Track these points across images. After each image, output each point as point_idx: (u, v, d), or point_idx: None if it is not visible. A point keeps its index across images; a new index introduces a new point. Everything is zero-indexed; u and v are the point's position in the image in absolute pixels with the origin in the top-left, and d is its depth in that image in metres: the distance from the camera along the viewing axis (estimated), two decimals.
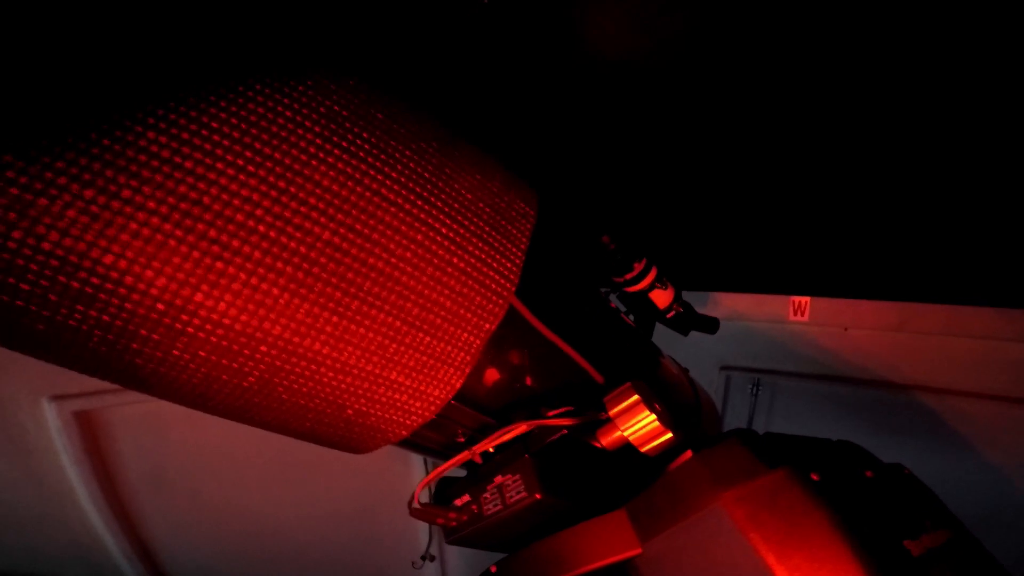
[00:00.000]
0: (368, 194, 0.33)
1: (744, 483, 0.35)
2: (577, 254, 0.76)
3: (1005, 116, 1.04)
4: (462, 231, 0.37)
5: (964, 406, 1.35)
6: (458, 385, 0.40)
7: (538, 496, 0.44)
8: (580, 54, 1.01)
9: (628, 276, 0.79)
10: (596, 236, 0.79)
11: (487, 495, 0.48)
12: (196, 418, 0.40)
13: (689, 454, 0.41)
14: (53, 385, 1.02)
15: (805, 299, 1.47)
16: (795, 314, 1.48)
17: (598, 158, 1.25)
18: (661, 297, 0.82)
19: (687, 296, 1.49)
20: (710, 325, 0.92)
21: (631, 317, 0.86)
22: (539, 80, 1.06)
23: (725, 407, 1.59)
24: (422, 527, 1.60)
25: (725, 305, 1.50)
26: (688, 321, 0.89)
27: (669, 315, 0.86)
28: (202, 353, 0.32)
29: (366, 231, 0.32)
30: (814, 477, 0.35)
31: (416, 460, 1.57)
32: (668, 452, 0.45)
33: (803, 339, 1.51)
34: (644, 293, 0.82)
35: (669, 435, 0.44)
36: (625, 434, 0.45)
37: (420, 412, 0.41)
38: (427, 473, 1.43)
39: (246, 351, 0.32)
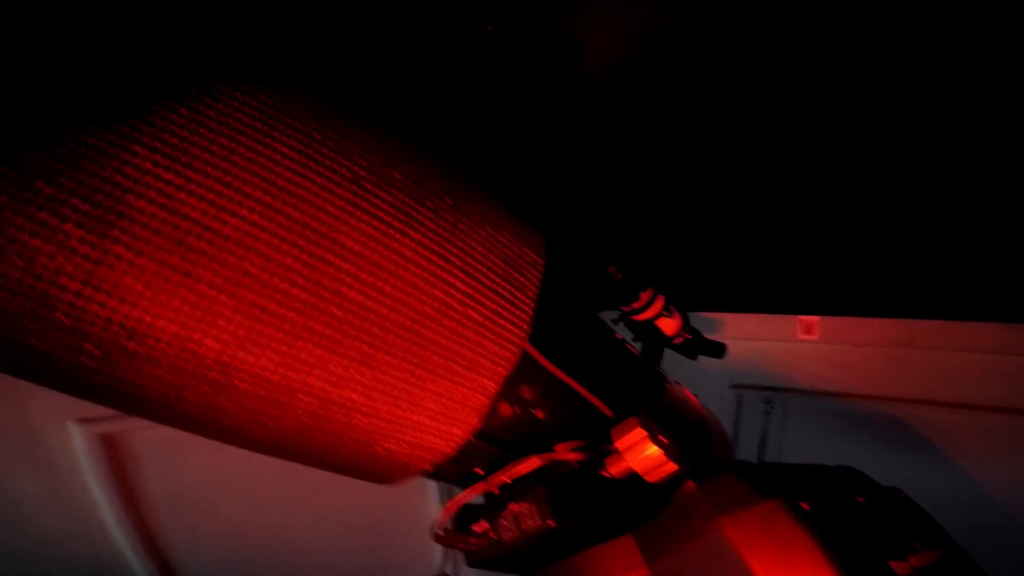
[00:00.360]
0: (392, 255, 0.37)
1: (740, 511, 0.38)
2: (584, 286, 0.79)
3: (1008, 131, 1.06)
4: (477, 285, 0.41)
5: (976, 420, 1.35)
6: (477, 425, 0.44)
7: (551, 523, 0.47)
8: (579, 75, 1.05)
9: (635, 305, 0.83)
10: (603, 267, 0.82)
11: (504, 522, 0.51)
12: (218, 443, 0.43)
13: (691, 484, 0.44)
14: (79, 408, 1.06)
15: (814, 318, 1.49)
16: (804, 333, 1.50)
17: (600, 186, 1.28)
18: (668, 325, 0.86)
19: (695, 317, 1.52)
20: (717, 350, 0.96)
21: (638, 345, 0.89)
22: (541, 105, 1.10)
23: (738, 425, 1.61)
24: (436, 546, 1.63)
25: (734, 326, 1.52)
26: (696, 347, 0.92)
27: (676, 341, 0.89)
28: (249, 403, 0.36)
29: (390, 289, 0.36)
30: (804, 506, 0.38)
31: (430, 482, 1.60)
32: (674, 480, 0.49)
33: (814, 357, 1.52)
34: (651, 321, 0.85)
35: (674, 466, 0.47)
36: (632, 465, 0.48)
37: (442, 449, 0.45)
38: (440, 495, 1.46)
39: (288, 401, 0.36)
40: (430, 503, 1.66)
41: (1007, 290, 1.30)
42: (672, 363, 0.99)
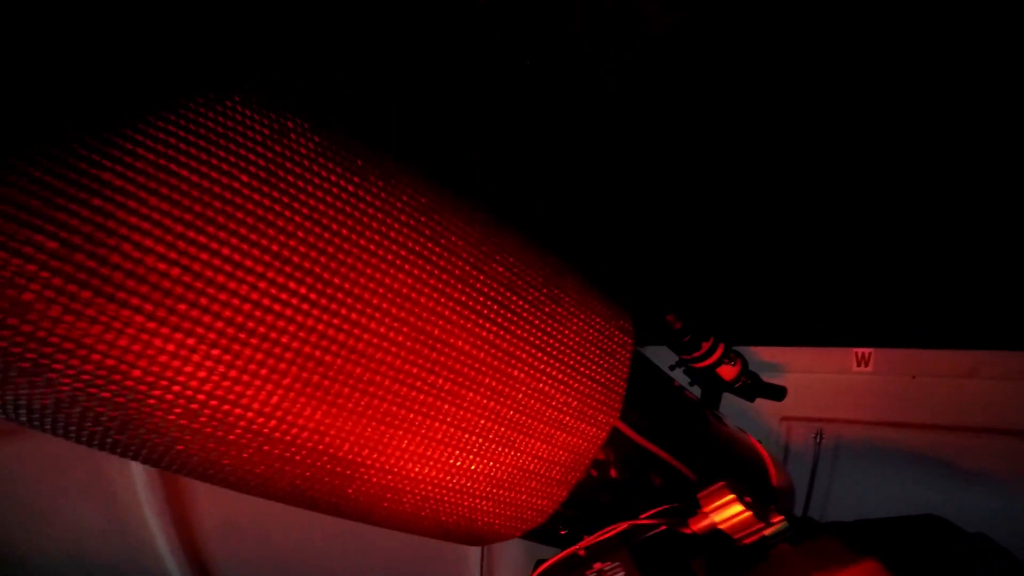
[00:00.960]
0: (499, 353, 0.40)
1: (839, 571, 0.40)
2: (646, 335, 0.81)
3: None
4: (575, 375, 0.44)
5: None
6: (565, 497, 0.47)
7: None
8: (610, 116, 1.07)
9: (696, 354, 0.85)
10: (661, 316, 0.85)
11: None
12: None
13: (787, 546, 0.46)
14: None
15: (869, 350, 1.47)
16: (859, 365, 1.48)
17: (651, 227, 1.30)
18: (729, 372, 0.87)
19: (749, 352, 1.52)
20: (777, 393, 0.96)
21: (695, 388, 0.91)
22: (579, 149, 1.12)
23: (787, 457, 1.58)
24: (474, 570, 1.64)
25: (787, 359, 1.51)
26: (755, 390, 0.93)
27: (736, 386, 0.90)
28: (371, 491, 0.40)
29: (499, 386, 0.40)
30: (902, 561, 0.40)
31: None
32: (761, 540, 0.50)
33: (868, 388, 1.50)
34: (711, 368, 0.87)
35: (762, 526, 0.49)
36: (720, 526, 0.50)
37: (535, 520, 0.48)
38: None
39: (407, 489, 0.40)
40: (469, 550, 1.68)
41: None
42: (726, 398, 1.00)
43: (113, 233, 0.28)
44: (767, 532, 0.50)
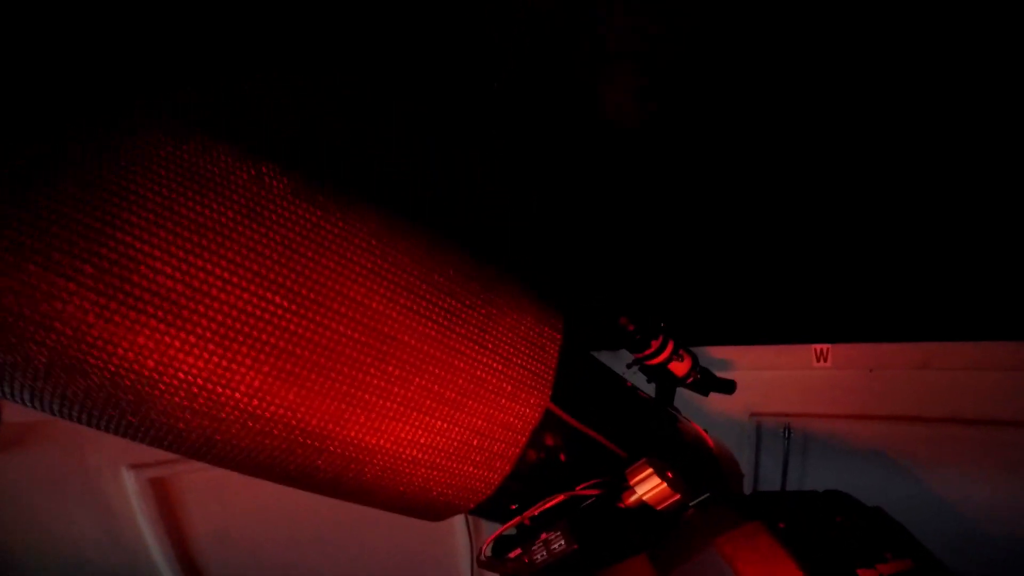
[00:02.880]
0: (442, 347, 0.49)
1: (729, 532, 0.48)
2: (597, 337, 0.89)
3: (1015, 149, 1.10)
4: (509, 364, 0.53)
5: (995, 435, 1.38)
6: (509, 470, 0.55)
7: (575, 546, 0.58)
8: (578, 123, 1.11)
9: (647, 352, 0.92)
10: (614, 320, 0.92)
11: (535, 548, 0.62)
12: (257, 483, 0.54)
13: (692, 511, 0.54)
14: (131, 455, 1.18)
15: (827, 346, 1.54)
16: (818, 360, 1.55)
17: (606, 235, 1.37)
18: (679, 367, 0.95)
19: (711, 354, 1.59)
20: (727, 387, 1.04)
21: (652, 386, 0.98)
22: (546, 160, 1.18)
23: (758, 452, 1.64)
24: (463, 571, 1.69)
25: (749, 358, 1.57)
26: (707, 384, 1.00)
27: (688, 381, 0.98)
28: (337, 462, 0.47)
29: (443, 374, 0.48)
30: (780, 525, 0.47)
31: (458, 520, 1.66)
32: (680, 509, 0.58)
33: (829, 383, 1.57)
34: (663, 365, 0.94)
35: (677, 496, 0.57)
36: (643, 498, 0.58)
37: (484, 491, 0.55)
38: (468, 530, 1.52)
39: (367, 459, 0.47)
40: (458, 540, 1.72)
41: (1018, 308, 1.34)
42: (694, 396, 1.07)
43: (133, 259, 0.39)
44: (684, 502, 0.57)
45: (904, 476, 1.45)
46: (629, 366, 0.99)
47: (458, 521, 1.68)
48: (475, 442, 0.51)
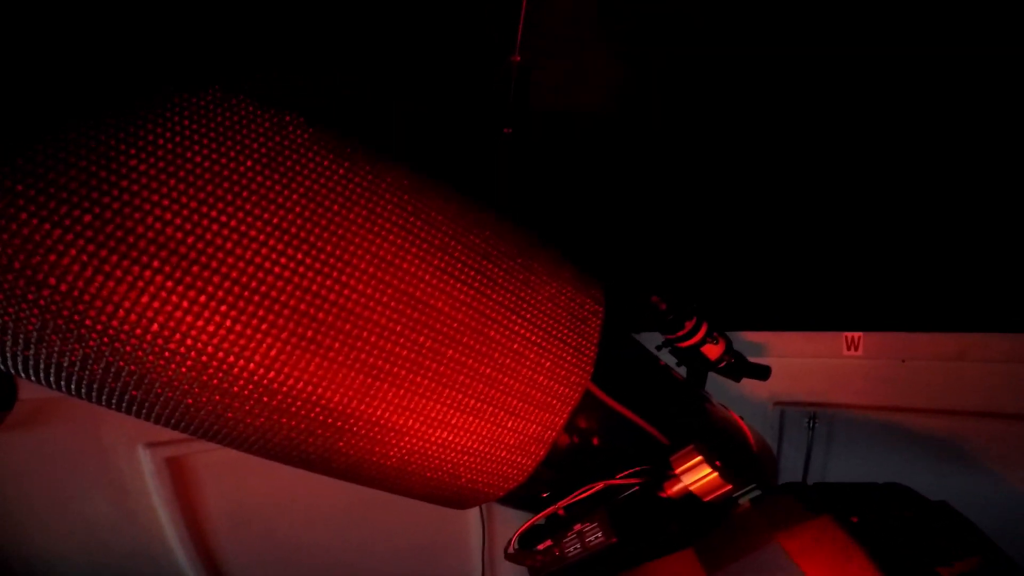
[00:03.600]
0: (476, 315, 0.43)
1: (795, 526, 0.43)
2: (629, 316, 0.84)
3: None
4: (548, 337, 0.47)
5: None
6: (543, 455, 0.50)
7: (614, 539, 0.53)
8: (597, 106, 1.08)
9: (680, 333, 0.87)
10: (646, 298, 0.87)
11: (568, 540, 0.57)
12: (272, 464, 0.49)
13: (747, 504, 0.49)
14: (147, 433, 1.15)
15: (858, 334, 1.49)
16: (849, 349, 1.50)
17: (640, 213, 1.33)
18: (712, 351, 0.90)
19: (740, 338, 1.54)
20: (762, 372, 0.99)
21: (682, 369, 0.93)
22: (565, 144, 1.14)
23: (781, 442, 1.60)
24: (475, 565, 1.66)
25: (777, 344, 1.52)
26: (740, 370, 0.95)
27: (721, 366, 0.93)
28: (361, 444, 0.43)
29: (477, 345, 0.43)
30: (853, 520, 0.42)
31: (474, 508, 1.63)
32: (729, 500, 0.53)
33: (859, 372, 1.52)
34: (696, 348, 0.89)
35: (728, 487, 0.52)
36: (691, 487, 0.53)
37: (515, 478, 0.51)
38: (481, 516, 1.49)
39: (394, 441, 0.43)
40: (471, 524, 1.70)
41: None
42: (717, 381, 1.02)
43: (139, 208, 0.34)
44: (732, 493, 0.52)
45: (933, 471, 1.39)
46: (659, 347, 0.94)
47: (471, 510, 1.65)
48: (510, 423, 0.46)
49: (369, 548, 1.62)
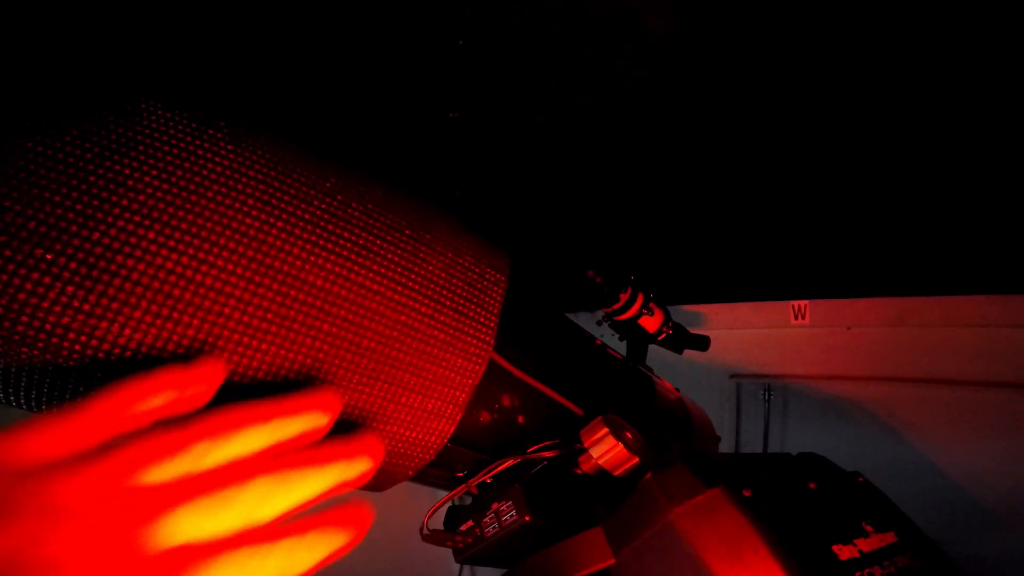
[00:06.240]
0: (355, 287, 0.41)
1: (687, 500, 0.42)
2: (564, 291, 0.83)
3: (987, 104, 1.06)
4: (439, 307, 0.45)
5: (973, 395, 1.36)
6: (450, 431, 0.48)
7: (527, 518, 0.52)
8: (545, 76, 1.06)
9: (616, 307, 0.86)
10: (582, 271, 0.86)
11: (487, 519, 0.56)
12: None
13: (649, 475, 0.48)
14: None
15: (804, 302, 1.50)
16: (796, 318, 1.51)
17: (574, 181, 1.31)
18: (650, 322, 0.89)
19: (688, 311, 1.54)
20: (701, 343, 0.99)
21: (624, 344, 0.93)
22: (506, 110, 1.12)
23: (739, 415, 1.62)
24: (452, 556, 1.67)
25: (727, 316, 1.54)
26: (680, 341, 0.95)
27: (660, 338, 0.92)
28: None
29: (357, 319, 0.40)
30: (746, 493, 0.41)
31: (439, 492, 1.64)
32: (639, 473, 0.52)
33: (807, 341, 1.54)
34: (633, 320, 0.88)
35: (635, 459, 0.51)
36: (599, 461, 0.52)
37: (421, 456, 0.49)
38: (453, 503, 1.49)
39: None
40: (442, 513, 1.69)
41: (994, 261, 1.31)
42: (672, 357, 1.02)
43: None
44: (642, 465, 0.52)
45: (883, 439, 1.43)
46: (599, 323, 0.93)
47: (442, 496, 1.64)
48: (403, 399, 0.44)
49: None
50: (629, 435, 0.53)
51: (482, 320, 0.47)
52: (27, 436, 0.26)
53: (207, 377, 0.32)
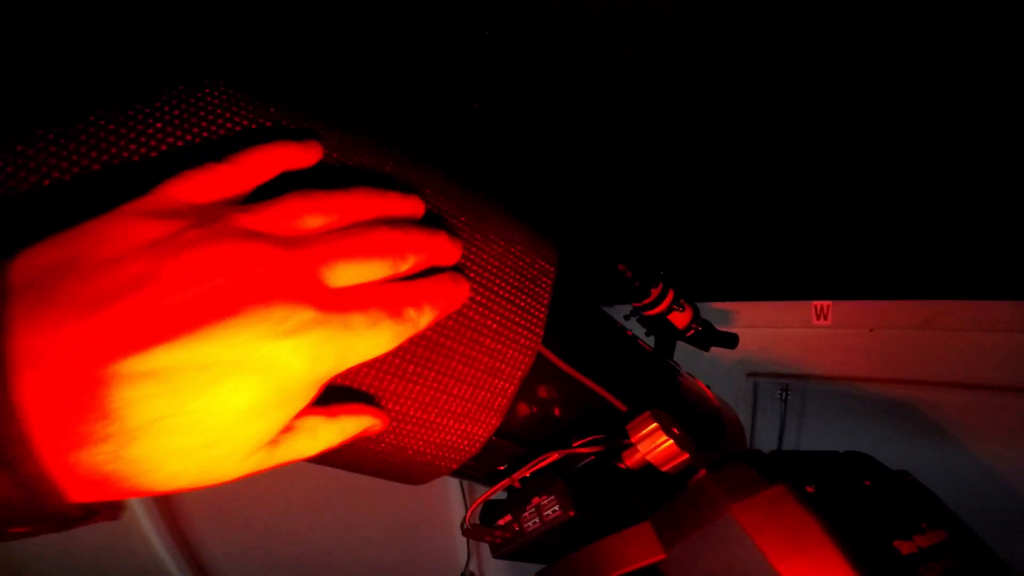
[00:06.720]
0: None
1: (749, 497, 0.41)
2: (596, 285, 0.82)
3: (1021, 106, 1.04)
4: (493, 297, 0.44)
5: (996, 401, 1.35)
6: (497, 424, 0.47)
7: (571, 513, 0.51)
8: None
9: (646, 301, 0.86)
10: (613, 266, 0.85)
11: (527, 514, 0.55)
12: None
13: (703, 473, 0.47)
14: None
15: (827, 303, 1.49)
16: (818, 318, 1.50)
17: (604, 180, 1.30)
18: (679, 319, 0.88)
19: (710, 308, 1.53)
20: (730, 341, 0.98)
21: (651, 339, 0.92)
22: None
23: (755, 414, 1.61)
24: (460, 546, 1.66)
25: (747, 315, 1.53)
26: (708, 338, 0.94)
27: (688, 334, 0.91)
28: None
29: None
30: (809, 489, 0.41)
31: (453, 483, 1.64)
32: (688, 470, 0.51)
33: (829, 343, 1.52)
34: (663, 316, 0.87)
35: (685, 456, 0.50)
36: (646, 456, 0.51)
37: (467, 449, 0.48)
38: (463, 494, 1.50)
39: None
40: (453, 504, 1.69)
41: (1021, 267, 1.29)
42: (689, 354, 1.01)
43: None
44: (691, 462, 0.51)
45: (902, 442, 1.41)
46: (627, 317, 0.92)
47: (454, 489, 1.64)
48: (455, 390, 0.43)
49: (351, 532, 1.61)
50: (676, 431, 0.52)
51: (533, 311, 0.47)
52: (206, 175, 0.30)
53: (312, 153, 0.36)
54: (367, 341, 0.31)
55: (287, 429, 0.31)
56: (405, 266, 0.34)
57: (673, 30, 0.97)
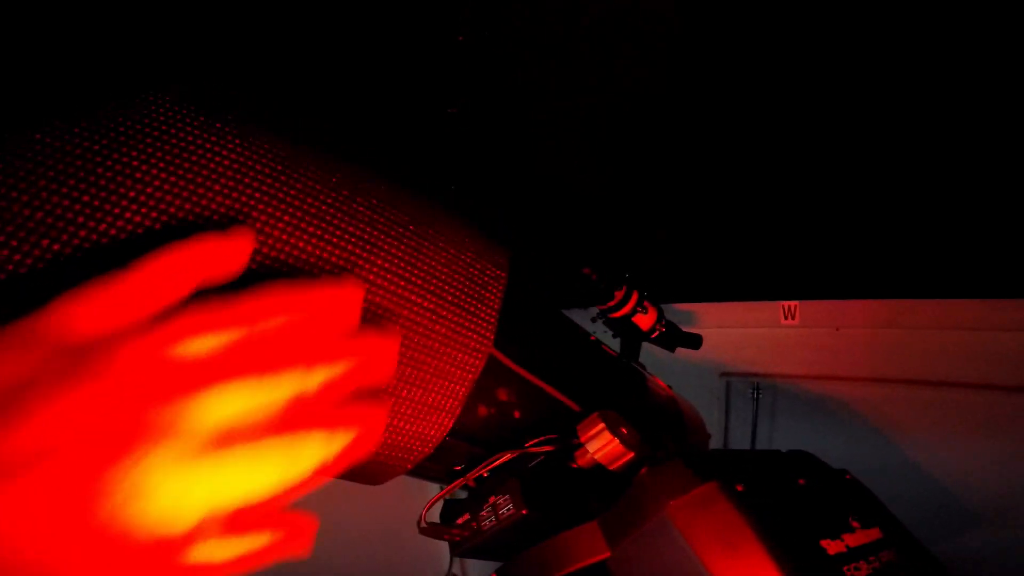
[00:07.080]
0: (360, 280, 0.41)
1: (682, 495, 0.43)
2: (560, 288, 0.84)
3: (983, 105, 1.07)
4: (441, 302, 0.46)
5: (961, 397, 1.38)
6: (449, 425, 0.49)
7: (524, 511, 0.53)
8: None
9: (611, 304, 0.88)
10: (578, 269, 0.87)
11: (484, 513, 0.57)
12: None
13: (645, 471, 0.49)
14: None
15: (795, 303, 1.52)
16: (786, 318, 1.53)
17: (571, 180, 1.32)
18: (643, 320, 0.90)
19: (680, 310, 1.56)
20: (693, 341, 1.00)
21: (618, 341, 0.94)
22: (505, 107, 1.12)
23: (728, 413, 1.63)
24: (443, 548, 1.67)
25: (718, 315, 1.55)
26: (672, 339, 0.96)
27: (653, 335, 0.93)
28: None
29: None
30: (739, 488, 0.43)
31: (433, 486, 1.64)
32: (634, 468, 0.53)
33: (797, 342, 1.55)
34: (627, 318, 0.89)
35: (631, 455, 0.52)
36: (595, 456, 0.53)
37: (420, 450, 0.49)
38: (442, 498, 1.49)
39: None
40: (435, 506, 1.69)
41: (986, 265, 1.32)
42: (664, 355, 1.03)
43: None
44: (637, 460, 0.53)
45: (871, 439, 1.45)
46: (594, 320, 0.94)
47: (434, 491, 1.65)
48: (404, 392, 0.45)
49: (332, 534, 1.60)
50: (624, 430, 0.54)
51: (482, 315, 0.48)
52: (79, 303, 0.26)
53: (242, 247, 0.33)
54: (243, 486, 0.28)
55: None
56: (314, 382, 0.31)
57: (673, 30, 0.99)
